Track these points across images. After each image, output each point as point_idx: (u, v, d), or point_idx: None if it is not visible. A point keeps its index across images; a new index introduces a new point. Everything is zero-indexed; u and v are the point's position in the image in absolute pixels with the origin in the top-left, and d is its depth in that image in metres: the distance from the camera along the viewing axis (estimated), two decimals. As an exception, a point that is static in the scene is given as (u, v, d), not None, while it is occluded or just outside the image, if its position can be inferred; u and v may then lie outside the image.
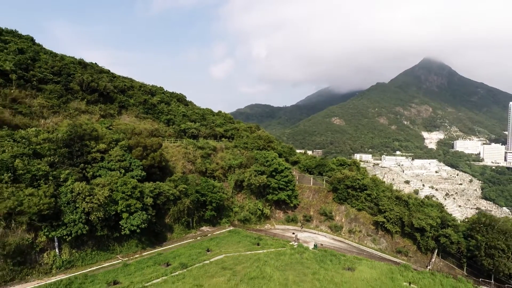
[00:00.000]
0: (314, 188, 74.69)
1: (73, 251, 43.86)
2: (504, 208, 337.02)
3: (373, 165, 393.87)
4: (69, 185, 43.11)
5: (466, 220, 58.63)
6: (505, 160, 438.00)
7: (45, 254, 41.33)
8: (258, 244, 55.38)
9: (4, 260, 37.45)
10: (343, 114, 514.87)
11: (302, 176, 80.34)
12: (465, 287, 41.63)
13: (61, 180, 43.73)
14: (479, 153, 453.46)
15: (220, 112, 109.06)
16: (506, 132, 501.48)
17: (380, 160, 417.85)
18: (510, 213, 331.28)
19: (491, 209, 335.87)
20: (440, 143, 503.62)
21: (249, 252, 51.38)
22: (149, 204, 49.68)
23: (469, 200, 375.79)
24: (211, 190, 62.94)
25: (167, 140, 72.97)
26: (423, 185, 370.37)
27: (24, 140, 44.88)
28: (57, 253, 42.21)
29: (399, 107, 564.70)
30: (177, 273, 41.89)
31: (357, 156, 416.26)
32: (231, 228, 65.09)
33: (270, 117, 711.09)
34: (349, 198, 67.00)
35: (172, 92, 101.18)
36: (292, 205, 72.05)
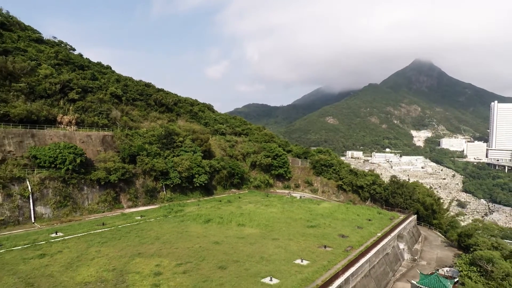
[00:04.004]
0: (301, 167, 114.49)
1: (172, 193, 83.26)
2: (481, 200, 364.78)
3: (364, 161, 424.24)
4: (171, 158, 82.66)
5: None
6: (487, 156, 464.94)
7: (160, 193, 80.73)
8: (267, 196, 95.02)
9: (145, 193, 76.79)
10: (337, 114, 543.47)
11: (294, 159, 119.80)
12: (374, 210, 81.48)
13: (165, 156, 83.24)
14: (463, 150, 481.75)
15: (235, 116, 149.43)
16: (489, 131, 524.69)
17: (371, 156, 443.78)
18: (486, 204, 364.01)
19: (469, 200, 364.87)
20: (427, 141, 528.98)
21: (263, 199, 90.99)
22: (207, 171, 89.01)
23: (450, 193, 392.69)
24: (237, 166, 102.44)
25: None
26: (409, 180, 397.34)
27: (144, 134, 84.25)
28: (165, 193, 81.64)
29: (390, 107, 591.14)
30: (226, 204, 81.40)
31: (349, 153, 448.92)
32: (249, 190, 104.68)
33: (267, 116, 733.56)
34: (323, 172, 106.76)
35: (204, 103, 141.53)
36: (287, 177, 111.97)
